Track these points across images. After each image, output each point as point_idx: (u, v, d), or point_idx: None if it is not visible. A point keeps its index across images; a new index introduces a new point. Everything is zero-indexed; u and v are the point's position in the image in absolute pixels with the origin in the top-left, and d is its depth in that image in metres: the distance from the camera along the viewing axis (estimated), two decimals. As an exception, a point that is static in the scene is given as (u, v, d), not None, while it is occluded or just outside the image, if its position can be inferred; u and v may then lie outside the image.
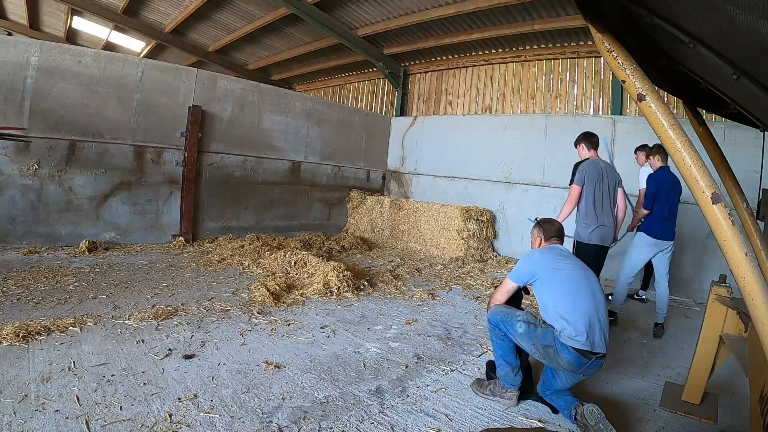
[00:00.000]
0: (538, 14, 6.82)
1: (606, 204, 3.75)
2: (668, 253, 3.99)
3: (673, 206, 3.92)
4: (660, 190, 3.87)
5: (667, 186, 3.89)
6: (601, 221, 3.70)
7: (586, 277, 2.40)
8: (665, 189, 3.88)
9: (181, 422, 2.00)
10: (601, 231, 3.70)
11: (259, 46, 10.62)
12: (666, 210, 3.88)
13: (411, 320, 3.76)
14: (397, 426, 2.16)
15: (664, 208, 3.88)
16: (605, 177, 3.76)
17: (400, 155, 9.00)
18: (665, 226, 3.91)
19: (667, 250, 3.97)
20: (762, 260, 1.65)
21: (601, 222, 3.70)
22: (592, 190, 3.70)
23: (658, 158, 4.04)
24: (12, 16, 11.39)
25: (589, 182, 3.70)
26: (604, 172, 3.76)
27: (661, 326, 3.96)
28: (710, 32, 1.07)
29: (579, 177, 3.73)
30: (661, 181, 3.91)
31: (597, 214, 3.70)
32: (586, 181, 3.71)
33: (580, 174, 3.74)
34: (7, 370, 2.27)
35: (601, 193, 3.73)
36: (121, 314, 3.23)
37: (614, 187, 3.84)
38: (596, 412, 2.14)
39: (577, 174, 3.77)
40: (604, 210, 3.74)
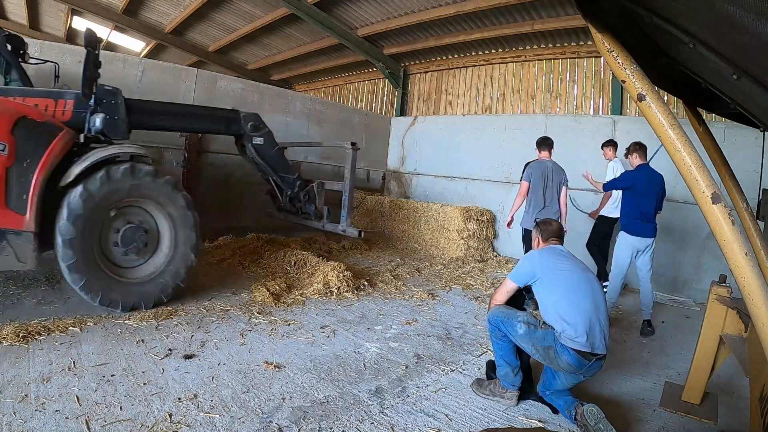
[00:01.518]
0: (538, 14, 6.83)
1: (549, 198, 4.30)
2: (650, 251, 4.00)
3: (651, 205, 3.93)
4: (636, 188, 3.92)
5: (643, 184, 3.92)
6: (543, 213, 4.19)
7: (586, 278, 2.40)
8: (641, 187, 3.92)
9: (181, 422, 2.00)
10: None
11: (259, 46, 10.62)
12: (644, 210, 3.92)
13: (411, 320, 3.76)
14: (397, 426, 2.16)
15: (641, 208, 3.91)
16: (550, 175, 4.32)
17: (400, 155, 9.00)
18: (645, 226, 3.93)
19: (648, 248, 3.99)
20: (762, 260, 1.65)
21: (544, 213, 4.16)
22: (537, 185, 4.29)
23: (636, 156, 4.09)
24: (12, 16, 11.39)
25: (534, 179, 4.30)
26: (549, 171, 4.33)
27: (647, 323, 3.97)
28: (710, 32, 1.07)
29: (526, 174, 4.39)
30: (636, 179, 3.95)
31: (539, 206, 4.26)
32: (532, 177, 4.31)
33: (527, 172, 4.39)
34: (7, 370, 2.27)
35: (543, 189, 4.28)
36: (121, 314, 3.23)
37: (559, 184, 4.36)
38: (596, 412, 2.14)
39: (525, 171, 4.43)
40: (547, 203, 4.28)
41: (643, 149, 4.08)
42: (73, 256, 3.04)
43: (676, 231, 5.55)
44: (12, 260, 2.97)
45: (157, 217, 3.53)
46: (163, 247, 3.55)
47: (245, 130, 4.44)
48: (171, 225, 3.52)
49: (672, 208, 5.52)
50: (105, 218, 3.28)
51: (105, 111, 3.45)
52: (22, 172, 2.93)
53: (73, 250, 3.04)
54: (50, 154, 3.03)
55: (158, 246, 3.55)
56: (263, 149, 4.54)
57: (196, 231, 3.60)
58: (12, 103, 3.13)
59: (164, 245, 3.55)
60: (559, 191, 4.36)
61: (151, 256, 3.52)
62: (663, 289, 5.59)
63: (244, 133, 4.46)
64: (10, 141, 2.87)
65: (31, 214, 2.96)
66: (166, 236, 3.55)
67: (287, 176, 4.81)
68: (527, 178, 4.35)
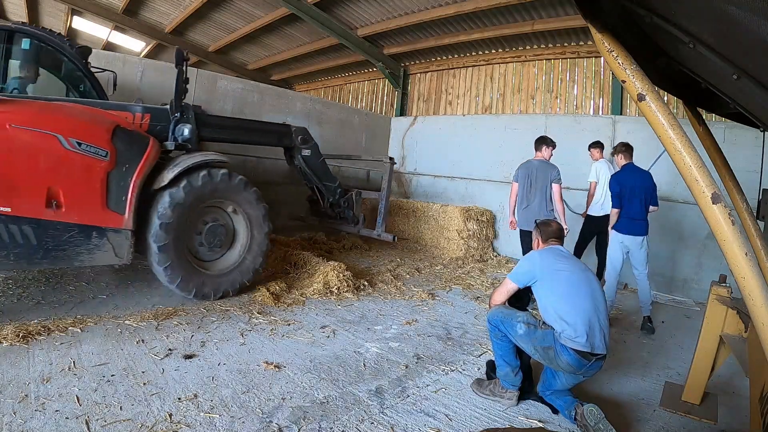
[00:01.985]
0: (538, 14, 6.82)
1: (534, 197, 4.37)
2: (642, 248, 4.01)
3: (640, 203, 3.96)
4: (624, 189, 3.99)
5: (630, 184, 3.98)
6: (530, 212, 4.29)
7: (586, 278, 2.40)
8: (629, 187, 3.98)
9: (181, 422, 2.00)
10: (529, 219, 4.16)
11: (259, 46, 10.62)
12: (632, 208, 3.96)
13: (411, 320, 3.76)
14: (397, 426, 2.16)
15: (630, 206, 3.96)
16: (534, 174, 4.40)
17: (400, 155, 9.00)
18: (633, 223, 3.97)
19: (639, 245, 4.00)
20: (762, 260, 1.64)
21: (530, 212, 4.29)
22: (523, 184, 4.43)
23: (621, 156, 4.16)
24: (12, 16, 11.39)
25: (520, 179, 4.46)
26: (534, 170, 4.41)
27: (648, 319, 4.00)
28: (710, 32, 1.07)
29: (514, 175, 4.55)
30: (623, 181, 4.01)
31: (525, 204, 4.40)
32: (519, 178, 4.46)
33: (515, 173, 4.55)
34: (7, 370, 2.28)
35: (529, 187, 4.39)
36: (121, 314, 3.23)
37: (545, 181, 4.38)
38: (596, 412, 2.14)
39: (514, 173, 4.58)
40: (532, 201, 4.38)
41: (629, 150, 4.18)
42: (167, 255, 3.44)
43: (676, 231, 5.54)
44: (110, 255, 3.30)
45: (232, 214, 3.98)
46: (239, 239, 4.01)
47: (295, 143, 4.84)
48: (246, 219, 3.98)
49: (672, 208, 5.52)
50: (194, 217, 3.69)
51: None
52: (121, 176, 3.27)
53: (165, 244, 3.42)
54: (146, 160, 3.39)
55: (235, 239, 4.01)
56: (310, 160, 4.95)
57: (267, 220, 4.06)
58: (107, 114, 3.48)
59: (241, 237, 4.01)
60: (547, 190, 4.36)
61: (229, 249, 3.99)
62: (663, 289, 5.59)
63: (295, 145, 4.85)
64: (111, 148, 3.22)
65: (129, 214, 3.31)
66: (242, 230, 4.01)
67: (329, 184, 5.24)
68: (515, 178, 4.54)
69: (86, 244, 3.19)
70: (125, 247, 3.34)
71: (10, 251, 2.91)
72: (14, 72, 3.71)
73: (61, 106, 3.34)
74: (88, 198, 3.17)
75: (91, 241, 3.20)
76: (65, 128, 3.08)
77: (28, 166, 2.96)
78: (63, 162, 3.05)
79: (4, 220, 2.88)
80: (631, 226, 3.97)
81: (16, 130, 2.91)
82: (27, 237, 2.96)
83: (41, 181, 3.00)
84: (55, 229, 3.05)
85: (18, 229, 2.93)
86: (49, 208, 3.02)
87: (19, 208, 2.92)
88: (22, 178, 2.94)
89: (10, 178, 2.89)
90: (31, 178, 2.97)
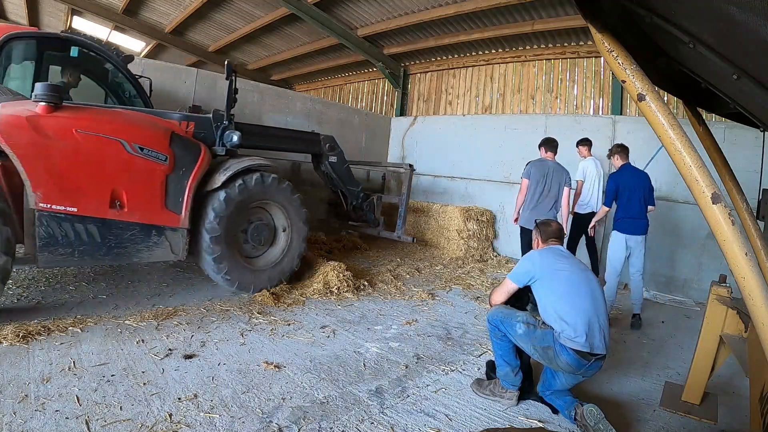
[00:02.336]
0: (538, 14, 6.82)
1: (545, 198, 4.30)
2: (641, 247, 4.07)
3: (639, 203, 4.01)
4: (621, 189, 4.03)
5: (628, 184, 4.03)
6: (540, 212, 4.18)
7: (586, 278, 2.40)
8: (627, 187, 4.03)
9: (181, 422, 2.00)
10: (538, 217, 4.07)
11: (259, 46, 10.62)
12: (632, 207, 4.00)
13: (411, 320, 3.76)
14: (397, 426, 2.16)
15: (629, 206, 4.01)
16: (550, 174, 4.33)
17: (400, 155, 8.99)
18: (634, 223, 4.02)
19: (639, 244, 4.06)
20: (762, 260, 1.64)
21: (540, 213, 4.17)
22: (536, 183, 4.31)
23: (618, 157, 4.21)
24: (12, 16, 11.40)
25: (534, 177, 4.32)
26: (550, 171, 4.34)
27: (638, 317, 4.07)
28: (710, 32, 1.07)
29: (526, 171, 4.42)
30: (621, 180, 4.06)
31: (534, 204, 4.29)
32: (532, 175, 4.33)
33: (527, 169, 4.43)
34: (7, 370, 2.27)
35: (543, 187, 4.30)
36: (121, 314, 3.23)
37: (560, 185, 4.35)
38: (596, 412, 2.14)
39: (525, 169, 4.46)
40: (544, 202, 4.29)
41: (625, 150, 4.22)
42: (218, 247, 3.69)
43: (676, 231, 5.54)
44: (167, 252, 3.56)
45: (275, 215, 4.27)
46: (280, 238, 4.30)
47: (323, 150, 5.08)
48: (288, 221, 4.27)
49: (672, 208, 5.53)
50: (242, 216, 3.96)
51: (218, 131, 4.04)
52: (178, 178, 3.54)
53: (217, 241, 3.68)
54: (201, 164, 3.67)
55: (276, 238, 4.29)
56: (336, 166, 5.20)
57: (306, 224, 4.37)
58: (163, 121, 3.74)
59: (281, 237, 4.30)
60: (560, 192, 4.37)
61: (270, 247, 4.26)
62: (663, 289, 5.60)
63: (323, 152, 5.09)
64: (169, 153, 3.48)
65: (185, 214, 3.57)
66: (282, 231, 4.30)
67: (353, 189, 5.50)
68: (527, 175, 4.40)
69: (146, 241, 3.44)
70: (181, 245, 3.60)
71: (76, 248, 3.12)
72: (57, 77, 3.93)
73: (121, 113, 3.57)
74: (148, 199, 3.41)
75: (151, 238, 3.45)
76: (128, 134, 3.31)
77: (93, 169, 3.16)
78: (126, 165, 3.28)
79: (71, 219, 3.08)
80: (633, 225, 4.01)
81: (82, 136, 3.11)
82: (92, 235, 3.18)
83: (106, 183, 3.22)
84: (117, 228, 3.29)
85: (84, 228, 3.14)
86: (113, 208, 3.25)
87: (85, 209, 3.13)
88: (88, 180, 3.15)
89: (77, 180, 3.10)
90: (97, 180, 3.19)
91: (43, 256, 3.04)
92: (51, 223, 3.02)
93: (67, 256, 3.11)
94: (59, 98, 3.09)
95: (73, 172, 3.08)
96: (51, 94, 3.01)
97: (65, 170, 3.05)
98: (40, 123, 2.97)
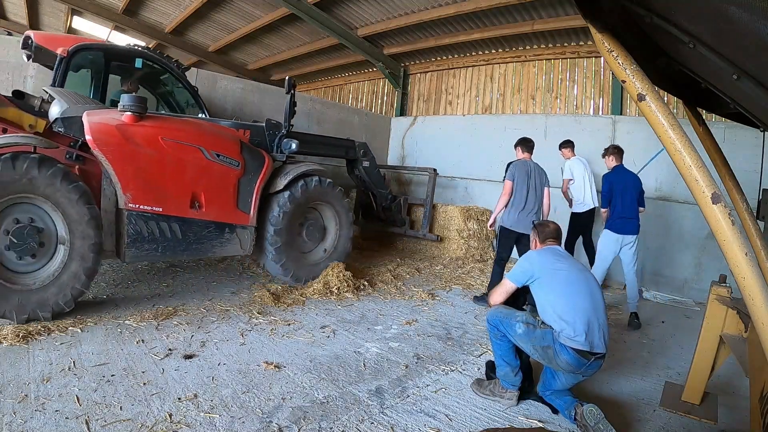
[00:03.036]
0: (538, 14, 6.82)
1: (531, 198, 4.33)
2: (632, 247, 4.13)
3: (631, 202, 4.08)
4: (614, 189, 4.11)
5: (621, 185, 4.11)
6: (524, 212, 4.27)
7: (584, 278, 2.41)
8: (620, 187, 4.11)
9: (181, 422, 2.00)
10: (523, 221, 4.25)
11: (259, 46, 10.61)
12: (624, 207, 4.07)
13: (411, 320, 3.76)
14: (397, 426, 2.16)
15: (622, 205, 4.07)
16: (533, 175, 4.36)
17: (400, 155, 8.99)
18: (626, 222, 4.07)
19: (631, 244, 4.12)
20: (762, 260, 1.65)
21: (524, 213, 4.27)
22: (521, 185, 4.32)
23: (612, 158, 4.29)
24: (12, 16, 11.40)
25: (519, 178, 4.33)
26: (532, 171, 4.37)
27: (635, 315, 4.08)
28: (710, 32, 1.07)
29: (510, 173, 4.40)
30: (614, 181, 4.15)
31: (522, 206, 4.30)
32: (516, 176, 4.34)
33: (510, 171, 4.42)
34: (7, 370, 2.28)
35: (526, 188, 4.32)
36: (121, 314, 3.23)
37: (541, 185, 4.40)
38: (596, 412, 2.14)
39: (508, 171, 4.45)
40: (528, 203, 4.31)
41: (620, 152, 4.30)
42: (279, 242, 4.11)
43: (676, 231, 5.54)
44: (237, 248, 3.94)
45: (325, 215, 4.69)
46: (329, 236, 4.73)
47: (358, 156, 5.48)
48: (337, 221, 4.72)
49: (672, 208, 5.52)
50: (299, 214, 4.35)
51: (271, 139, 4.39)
52: (248, 182, 3.92)
53: (280, 237, 4.10)
54: (266, 169, 4.05)
55: (325, 235, 4.72)
56: (369, 170, 5.62)
57: (352, 227, 4.90)
58: (231, 130, 4.13)
59: (330, 235, 4.73)
60: (541, 192, 4.41)
61: (320, 243, 4.69)
62: (663, 289, 5.59)
63: (357, 158, 5.49)
64: (241, 159, 3.87)
65: (253, 213, 3.97)
66: (332, 229, 4.74)
67: (383, 191, 5.94)
68: (511, 177, 4.35)
69: (220, 238, 3.81)
70: (249, 241, 3.99)
71: (160, 244, 3.47)
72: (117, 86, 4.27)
73: (198, 122, 3.98)
74: (223, 200, 3.79)
75: (224, 235, 3.83)
76: (207, 142, 3.68)
77: (177, 173, 3.52)
78: (205, 170, 3.65)
79: (157, 218, 3.42)
80: (624, 225, 4.08)
81: (167, 143, 3.46)
82: (174, 232, 3.53)
83: (187, 185, 3.58)
84: (197, 226, 3.66)
85: (168, 226, 3.49)
86: (193, 208, 3.62)
87: (169, 209, 3.49)
88: (172, 183, 3.51)
89: (162, 183, 3.45)
90: (179, 183, 3.54)
91: (130, 251, 3.35)
92: (139, 221, 3.34)
93: (151, 251, 3.44)
94: (144, 109, 3.40)
95: (159, 175, 3.42)
96: (137, 105, 3.33)
97: (152, 174, 3.39)
98: (130, 131, 3.29)
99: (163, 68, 4.29)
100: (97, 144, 3.14)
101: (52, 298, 2.96)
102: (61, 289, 3.01)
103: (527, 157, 4.51)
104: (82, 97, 3.64)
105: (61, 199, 2.97)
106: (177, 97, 4.65)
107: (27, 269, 2.99)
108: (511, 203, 4.34)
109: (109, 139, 3.19)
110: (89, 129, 3.14)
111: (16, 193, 2.86)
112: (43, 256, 3.03)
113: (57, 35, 4.28)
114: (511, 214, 4.32)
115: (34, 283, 2.94)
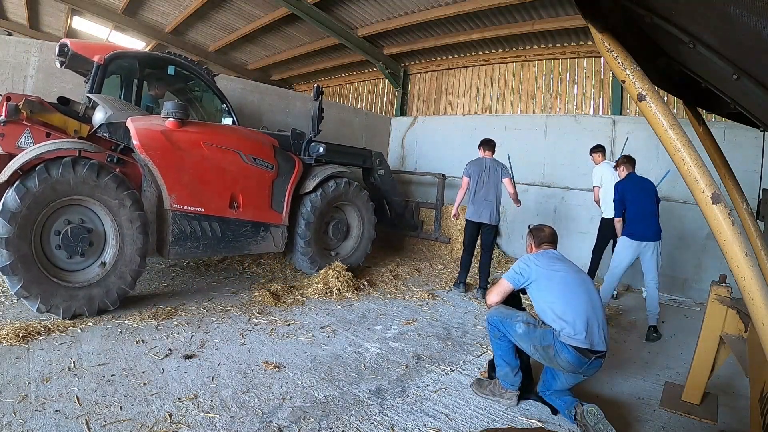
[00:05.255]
0: (538, 14, 6.81)
1: (487, 191, 4.68)
2: (653, 253, 3.93)
3: (646, 207, 3.96)
4: (626, 196, 4.04)
5: (634, 191, 4.02)
6: (479, 204, 4.66)
7: (581, 278, 2.42)
8: (633, 194, 4.01)
9: (181, 422, 2.00)
10: (478, 211, 4.66)
11: (259, 46, 10.60)
12: (640, 212, 3.95)
13: (411, 320, 3.76)
14: (397, 426, 2.16)
15: (637, 211, 3.97)
16: (487, 171, 4.71)
17: (400, 155, 8.99)
18: (644, 228, 3.92)
19: (650, 250, 3.93)
20: (762, 260, 1.64)
21: (479, 204, 4.66)
22: (476, 180, 4.69)
23: (623, 168, 4.25)
24: (12, 16, 11.39)
25: (474, 174, 4.70)
26: (486, 167, 4.72)
27: (653, 329, 3.85)
28: (710, 32, 1.07)
29: (465, 170, 4.80)
30: (625, 188, 4.07)
31: (477, 198, 4.67)
32: (471, 173, 4.72)
33: (466, 168, 4.80)
34: (7, 370, 2.28)
35: (482, 183, 4.68)
36: (121, 314, 3.23)
37: (497, 177, 4.72)
38: (596, 412, 2.14)
39: (465, 168, 4.83)
40: (481, 193, 4.68)
41: (631, 162, 4.25)
42: (309, 235, 4.44)
43: (676, 231, 5.54)
44: (270, 245, 4.21)
45: (350, 216, 5.07)
46: (352, 234, 5.11)
47: (374, 165, 5.75)
48: (360, 221, 5.10)
49: (672, 208, 5.52)
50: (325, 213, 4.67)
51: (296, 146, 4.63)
52: (281, 183, 4.21)
53: (309, 230, 4.43)
54: (297, 171, 4.35)
55: (348, 235, 5.09)
56: (384, 178, 5.87)
57: (374, 228, 5.25)
58: (264, 135, 4.36)
59: (353, 234, 5.11)
60: (498, 184, 4.71)
61: (344, 242, 5.06)
62: (663, 289, 5.54)
63: (373, 167, 5.75)
64: (275, 162, 4.14)
65: (285, 213, 4.26)
66: (355, 227, 5.12)
67: (396, 199, 6.18)
68: (467, 174, 4.75)
69: (255, 236, 4.06)
70: (281, 239, 4.26)
71: (201, 242, 3.70)
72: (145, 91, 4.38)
73: (234, 128, 4.21)
74: (259, 201, 4.05)
75: (259, 234, 4.09)
76: (244, 146, 3.92)
77: (217, 175, 3.74)
78: (243, 173, 3.89)
79: (199, 218, 3.66)
80: (643, 231, 3.91)
81: (209, 147, 3.67)
82: (214, 231, 3.76)
83: (227, 187, 3.80)
84: (235, 225, 3.90)
85: (208, 225, 3.72)
86: (231, 208, 3.85)
87: (210, 209, 3.72)
88: (213, 185, 3.73)
89: (204, 184, 3.67)
90: (220, 184, 3.76)
91: (174, 249, 3.55)
92: (182, 221, 3.55)
93: (193, 249, 3.66)
94: (186, 115, 3.57)
95: (201, 178, 3.63)
96: (180, 111, 3.49)
97: (195, 176, 3.59)
98: (174, 136, 3.47)
99: (193, 75, 4.41)
100: (144, 148, 3.30)
101: (98, 296, 3.12)
102: (108, 288, 3.17)
103: (488, 155, 4.83)
104: (124, 103, 3.76)
105: (114, 204, 3.16)
106: (205, 103, 4.80)
107: (76, 267, 3.14)
108: (470, 197, 4.74)
109: (155, 143, 3.35)
110: (136, 134, 3.30)
111: (70, 195, 3.01)
112: (92, 255, 3.20)
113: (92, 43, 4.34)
114: (470, 207, 4.75)
115: (82, 281, 3.10)
